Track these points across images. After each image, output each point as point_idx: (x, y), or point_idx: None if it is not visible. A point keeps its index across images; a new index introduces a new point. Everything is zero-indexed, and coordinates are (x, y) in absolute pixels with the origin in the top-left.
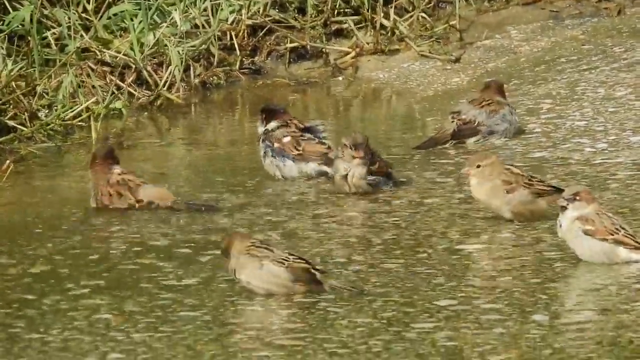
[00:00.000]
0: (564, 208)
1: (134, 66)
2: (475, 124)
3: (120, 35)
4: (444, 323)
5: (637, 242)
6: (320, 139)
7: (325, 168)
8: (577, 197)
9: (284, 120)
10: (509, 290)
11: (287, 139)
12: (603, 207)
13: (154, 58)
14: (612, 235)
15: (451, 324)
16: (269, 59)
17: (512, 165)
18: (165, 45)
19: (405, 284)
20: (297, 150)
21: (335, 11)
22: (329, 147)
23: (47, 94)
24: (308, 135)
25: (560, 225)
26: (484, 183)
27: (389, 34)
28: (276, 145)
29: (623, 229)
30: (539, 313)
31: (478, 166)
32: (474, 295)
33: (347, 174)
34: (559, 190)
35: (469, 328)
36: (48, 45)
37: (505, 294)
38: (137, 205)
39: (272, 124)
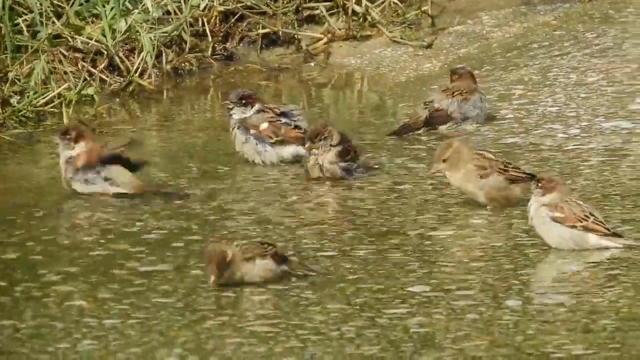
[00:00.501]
0: (535, 194)
1: (105, 52)
2: (448, 112)
3: (92, 22)
4: (417, 309)
5: (607, 228)
6: (295, 124)
7: (302, 151)
8: (539, 184)
9: (260, 106)
10: (481, 277)
11: (264, 126)
12: (574, 193)
13: (126, 44)
14: (582, 222)
15: (424, 310)
16: (241, 45)
17: (485, 150)
18: (137, 31)
19: (378, 270)
20: (277, 136)
21: None
22: (304, 131)
23: (19, 80)
24: (285, 120)
25: (530, 212)
26: (456, 172)
27: (361, 20)
28: (252, 131)
29: (593, 215)
30: (512, 299)
31: (444, 160)
32: (447, 281)
33: (317, 160)
34: (534, 177)
35: (442, 314)
36: (20, 32)
37: (478, 280)
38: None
39: (250, 110)
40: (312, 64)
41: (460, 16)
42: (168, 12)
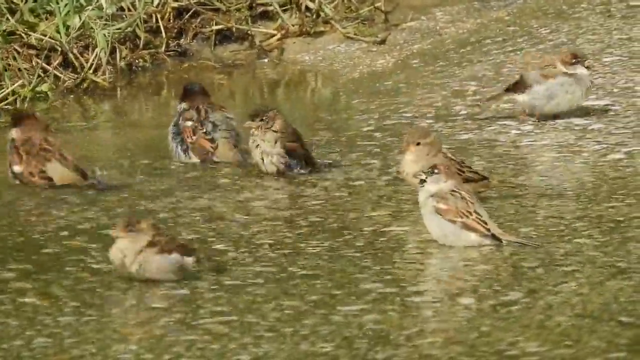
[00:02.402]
0: (422, 182)
1: (60, 49)
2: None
3: (46, 18)
4: (371, 306)
5: (487, 228)
6: (212, 135)
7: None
8: (436, 170)
9: (196, 104)
10: (436, 273)
11: (188, 124)
12: (464, 187)
13: (80, 41)
14: (462, 218)
15: (378, 306)
16: (195, 41)
17: (447, 151)
18: (91, 28)
19: (332, 267)
20: (191, 140)
21: None
22: (216, 147)
23: None
24: (207, 127)
25: (420, 201)
26: (419, 161)
27: (314, 16)
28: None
29: (476, 213)
30: (467, 296)
31: (418, 144)
32: (401, 278)
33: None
34: (486, 179)
35: (396, 311)
36: None
37: (432, 277)
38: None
39: (183, 105)
40: (266, 60)
41: (414, 12)
42: (122, 9)
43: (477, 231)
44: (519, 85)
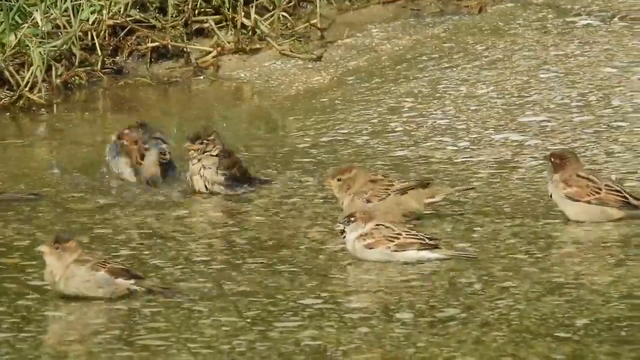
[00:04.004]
0: (342, 232)
1: None
2: None
3: None
4: (308, 322)
5: (420, 238)
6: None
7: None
8: (352, 219)
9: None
10: (373, 289)
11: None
12: (383, 219)
13: (16, 59)
14: (392, 242)
15: (315, 322)
16: (131, 58)
17: (376, 173)
18: (27, 45)
19: (269, 283)
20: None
21: (196, 11)
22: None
23: None
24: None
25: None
26: (343, 196)
27: (250, 33)
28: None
29: (405, 231)
30: (403, 311)
31: (338, 179)
32: (338, 294)
33: (200, 171)
34: (423, 185)
35: (333, 327)
36: None
37: (369, 292)
38: None
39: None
40: (202, 77)
41: (350, 29)
42: (58, 26)
43: (413, 245)
44: None
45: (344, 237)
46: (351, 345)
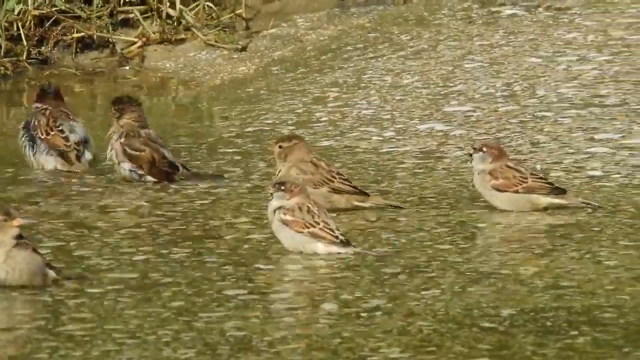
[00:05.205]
0: (271, 195)
1: None
2: None
3: None
4: (233, 312)
5: (335, 236)
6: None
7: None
8: (282, 188)
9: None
10: (298, 280)
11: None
12: (310, 200)
13: None
14: (308, 228)
15: (240, 313)
16: (56, 49)
17: (320, 158)
18: None
19: (194, 274)
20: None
21: (122, 1)
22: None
23: None
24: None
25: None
26: (280, 164)
27: (176, 24)
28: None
29: (324, 222)
30: (328, 302)
31: (280, 146)
32: (263, 284)
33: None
34: (362, 193)
35: (258, 317)
36: None
37: (294, 283)
38: None
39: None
40: (127, 67)
41: (275, 19)
42: None
43: (324, 239)
44: None
45: (270, 200)
46: (276, 336)
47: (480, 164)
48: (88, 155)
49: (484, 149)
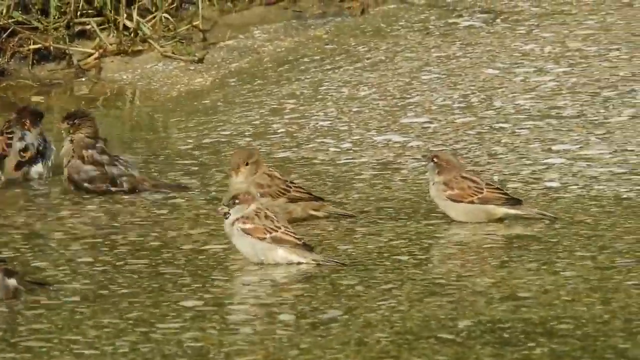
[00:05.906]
0: (227, 214)
1: None
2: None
3: None
4: (190, 323)
5: (298, 238)
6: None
7: None
8: (237, 201)
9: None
10: (255, 290)
11: None
12: (266, 206)
13: None
14: (270, 233)
15: (197, 324)
16: (13, 60)
17: (274, 169)
18: None
19: (151, 285)
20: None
21: (78, 12)
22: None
23: None
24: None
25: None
26: (246, 182)
27: (132, 35)
28: None
29: (284, 226)
30: (286, 313)
31: (247, 164)
32: (220, 295)
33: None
34: (318, 199)
35: (215, 328)
36: None
37: (251, 294)
38: None
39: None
40: (84, 79)
41: (232, 31)
42: None
43: (288, 242)
44: None
45: (226, 219)
46: (234, 347)
47: (432, 174)
48: (38, 167)
49: (435, 159)
